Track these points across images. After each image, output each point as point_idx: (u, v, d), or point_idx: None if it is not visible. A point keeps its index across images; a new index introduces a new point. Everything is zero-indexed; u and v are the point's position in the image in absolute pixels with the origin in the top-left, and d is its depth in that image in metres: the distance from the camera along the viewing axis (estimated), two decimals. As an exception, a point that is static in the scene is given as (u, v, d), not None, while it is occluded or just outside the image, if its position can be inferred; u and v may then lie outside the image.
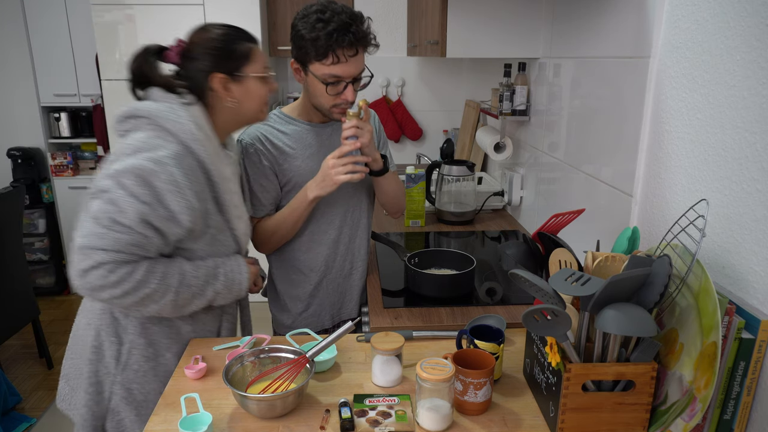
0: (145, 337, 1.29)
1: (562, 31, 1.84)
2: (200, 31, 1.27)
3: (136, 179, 1.12)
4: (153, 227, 1.16)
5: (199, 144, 1.20)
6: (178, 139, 1.19)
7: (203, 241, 1.27)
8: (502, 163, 2.56)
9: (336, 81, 1.40)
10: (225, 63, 1.24)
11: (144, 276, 1.16)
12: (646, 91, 1.30)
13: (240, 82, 1.27)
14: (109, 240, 1.12)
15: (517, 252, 1.47)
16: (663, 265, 0.94)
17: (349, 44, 1.36)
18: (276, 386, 1.10)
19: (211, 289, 1.28)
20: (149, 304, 1.20)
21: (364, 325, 1.70)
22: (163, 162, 1.14)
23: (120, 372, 1.29)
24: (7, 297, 2.72)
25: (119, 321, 1.29)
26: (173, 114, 1.19)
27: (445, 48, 2.04)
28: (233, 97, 1.27)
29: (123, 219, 1.12)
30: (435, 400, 1.03)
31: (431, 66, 3.52)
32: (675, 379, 0.96)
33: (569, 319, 0.94)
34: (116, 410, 1.31)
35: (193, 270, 1.24)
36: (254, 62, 1.28)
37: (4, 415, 2.59)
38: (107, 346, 1.29)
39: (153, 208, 1.14)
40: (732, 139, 1.02)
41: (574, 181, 1.75)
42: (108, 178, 1.14)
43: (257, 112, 1.33)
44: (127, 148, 1.17)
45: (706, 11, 1.10)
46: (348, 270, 1.66)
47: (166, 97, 1.23)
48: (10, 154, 3.84)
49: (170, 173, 1.15)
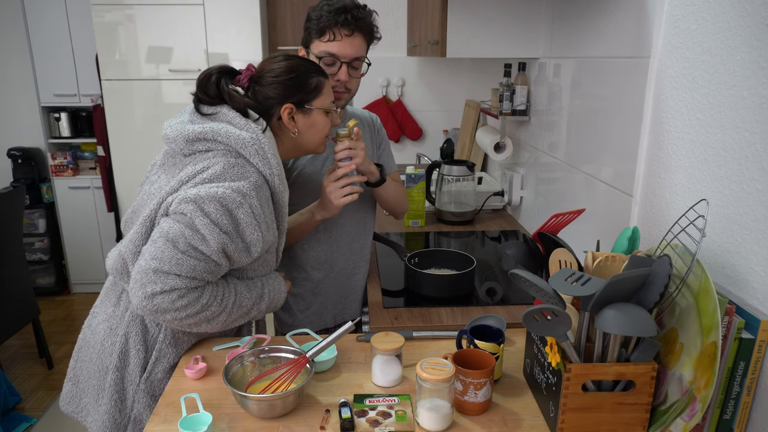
0: (175, 346, 1.28)
1: (562, 31, 1.84)
2: (274, 60, 1.28)
3: (220, 207, 1.12)
4: (228, 256, 1.16)
5: (277, 178, 1.21)
6: (259, 170, 1.19)
7: (256, 262, 1.27)
8: (502, 163, 2.56)
9: (332, 61, 1.44)
10: (297, 94, 1.26)
11: (208, 300, 1.16)
12: (646, 91, 1.30)
13: (306, 114, 1.29)
14: (186, 267, 1.11)
15: (517, 252, 1.48)
16: (663, 265, 0.95)
17: (344, 23, 1.41)
18: (276, 386, 1.10)
19: (257, 308, 1.29)
20: (203, 324, 1.20)
21: (364, 325, 1.70)
22: (246, 193, 1.14)
23: (144, 380, 1.27)
24: (7, 297, 2.72)
25: (149, 329, 1.27)
26: (257, 146, 1.18)
27: (445, 48, 2.04)
28: (297, 127, 1.29)
29: (203, 247, 1.11)
30: (435, 400, 1.03)
31: (431, 66, 3.52)
32: (675, 379, 0.96)
33: (569, 319, 0.94)
34: (139, 419, 1.28)
35: (246, 291, 1.25)
36: (323, 96, 1.30)
37: (4, 415, 2.59)
38: (133, 354, 1.26)
39: (232, 238, 1.14)
40: (732, 139, 1.02)
41: (574, 181, 1.75)
42: (187, 202, 1.12)
43: (317, 144, 1.35)
44: (204, 171, 1.16)
45: (706, 11, 1.10)
46: (351, 270, 1.66)
47: (246, 124, 1.21)
48: (10, 154, 3.84)
49: (252, 205, 1.15)
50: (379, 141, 1.70)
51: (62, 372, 3.05)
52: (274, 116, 1.27)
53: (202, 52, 3.28)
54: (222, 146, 1.19)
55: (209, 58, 3.30)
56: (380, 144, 1.70)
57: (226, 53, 3.30)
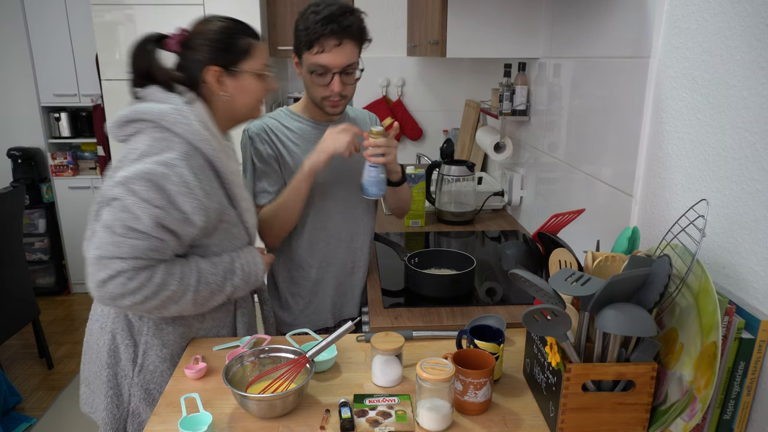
0: (160, 338, 1.29)
1: (562, 31, 1.84)
2: (203, 22, 1.26)
3: (147, 184, 1.11)
4: (168, 230, 1.16)
5: (206, 143, 1.19)
6: (186, 139, 1.17)
7: (217, 237, 1.27)
8: (502, 163, 2.56)
9: (323, 71, 1.43)
10: (222, 56, 1.23)
11: (163, 279, 1.16)
12: (646, 91, 1.30)
13: (235, 77, 1.26)
14: (125, 248, 1.12)
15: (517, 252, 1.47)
16: (663, 265, 0.94)
17: (331, 33, 1.38)
18: (276, 386, 1.10)
19: (230, 283, 1.28)
20: (170, 306, 1.20)
21: (364, 325, 1.70)
22: (172, 164, 1.13)
23: (137, 374, 1.29)
24: (7, 297, 2.72)
25: (133, 324, 1.29)
26: (179, 115, 1.17)
27: (445, 48, 2.04)
28: (226, 91, 1.26)
29: (138, 225, 1.12)
30: (435, 400, 1.03)
31: (431, 66, 3.52)
32: (675, 379, 0.96)
33: (569, 319, 0.94)
34: (137, 412, 1.31)
35: (210, 267, 1.25)
36: (253, 58, 1.27)
37: (4, 415, 2.58)
38: (123, 349, 1.29)
39: (166, 211, 1.13)
40: (732, 139, 1.02)
41: (574, 181, 1.75)
42: (117, 186, 1.12)
43: (251, 109, 1.31)
44: (132, 153, 1.16)
45: (706, 11, 1.10)
46: (350, 268, 1.66)
47: (168, 97, 1.21)
48: (10, 154, 3.84)
49: (180, 174, 1.14)
50: None
51: (62, 372, 3.05)
52: (200, 80, 1.24)
53: (202, 52, 3.28)
54: (148, 124, 1.18)
55: (209, 58, 3.29)
56: None
57: (226, 53, 3.30)
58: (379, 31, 3.46)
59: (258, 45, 1.28)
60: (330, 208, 1.59)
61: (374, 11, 3.43)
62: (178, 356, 1.32)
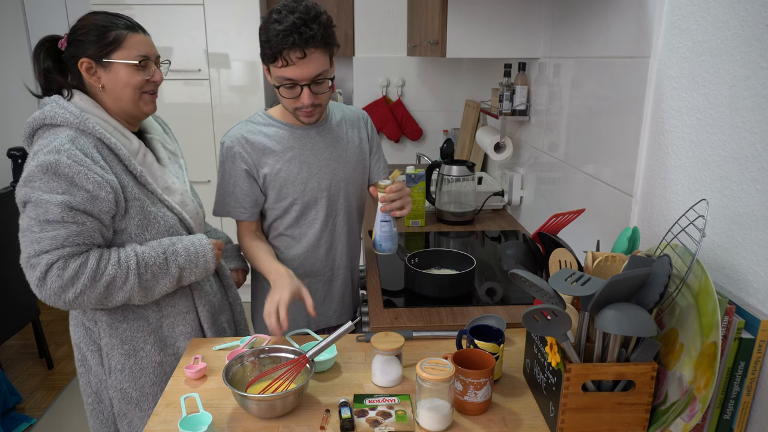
0: (117, 336, 1.30)
1: (562, 31, 1.84)
2: (84, 17, 1.27)
3: (44, 175, 1.13)
4: (81, 211, 1.16)
5: (90, 122, 1.20)
6: (68, 125, 1.19)
7: (136, 217, 1.25)
8: (502, 163, 2.56)
9: (290, 84, 1.36)
10: (91, 48, 1.23)
11: (97, 263, 1.17)
12: (646, 91, 1.30)
13: (108, 69, 1.25)
14: (47, 241, 1.14)
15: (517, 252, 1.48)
16: (663, 265, 0.95)
17: (293, 46, 1.29)
18: (276, 386, 1.10)
19: (174, 264, 1.27)
20: (116, 293, 1.21)
21: (364, 325, 1.70)
22: (60, 149, 1.15)
23: (108, 376, 1.31)
24: (7, 297, 2.72)
25: (91, 329, 1.31)
26: (58, 107, 1.20)
27: (445, 48, 2.04)
28: (99, 82, 1.25)
29: (50, 216, 1.14)
30: (435, 400, 1.03)
31: (431, 66, 3.52)
32: (675, 379, 0.96)
33: (569, 319, 0.94)
34: (122, 414, 1.33)
35: (149, 250, 1.25)
36: (125, 49, 1.25)
37: (4, 415, 2.58)
38: (90, 356, 1.32)
39: (71, 194, 1.15)
40: (732, 139, 1.02)
41: (574, 181, 1.75)
42: (21, 188, 1.16)
43: (134, 100, 1.28)
44: (29, 159, 1.19)
45: (706, 11, 1.10)
46: (328, 276, 1.63)
47: (51, 99, 1.24)
48: (10, 154, 3.83)
49: (70, 155, 1.15)
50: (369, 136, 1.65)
51: (62, 372, 3.05)
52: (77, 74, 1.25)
53: (202, 52, 3.28)
54: (41, 129, 1.22)
55: (209, 58, 3.30)
56: (373, 147, 1.67)
57: (226, 53, 3.30)
58: (379, 31, 3.46)
59: (131, 36, 1.26)
60: (310, 214, 1.55)
61: (374, 11, 3.43)
62: (142, 350, 1.32)
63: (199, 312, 1.40)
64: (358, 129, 1.63)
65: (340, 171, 1.56)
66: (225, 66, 3.32)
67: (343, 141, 1.57)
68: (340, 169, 1.56)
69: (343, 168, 1.56)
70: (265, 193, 1.52)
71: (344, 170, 1.57)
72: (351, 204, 1.62)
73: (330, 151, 1.54)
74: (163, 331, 1.35)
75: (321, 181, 1.53)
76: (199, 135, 3.39)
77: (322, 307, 1.65)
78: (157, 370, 1.34)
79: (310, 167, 1.51)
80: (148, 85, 1.30)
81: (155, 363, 1.34)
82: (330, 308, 1.66)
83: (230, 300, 1.55)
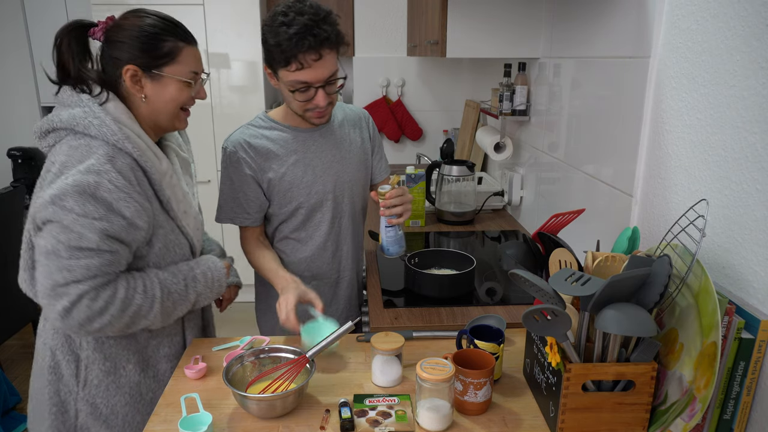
0: (101, 351, 1.23)
1: (562, 31, 1.84)
2: (133, 16, 1.17)
3: (80, 197, 1.04)
4: (117, 240, 1.09)
5: (127, 141, 1.12)
6: (105, 140, 1.10)
7: (156, 245, 1.20)
8: (502, 163, 2.56)
9: (305, 87, 1.33)
10: (142, 56, 1.14)
11: (126, 293, 1.12)
12: (646, 91, 1.30)
13: (155, 80, 1.17)
14: (79, 270, 1.06)
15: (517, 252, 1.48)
16: (663, 265, 0.94)
17: (309, 48, 1.27)
18: (276, 386, 1.10)
19: (193, 291, 1.25)
20: (139, 321, 1.16)
21: (364, 325, 1.70)
22: (98, 170, 1.06)
23: (81, 389, 1.23)
24: (7, 297, 2.72)
25: (73, 339, 1.22)
26: (92, 116, 1.10)
27: (445, 48, 2.04)
28: (143, 93, 1.17)
29: (85, 243, 1.05)
30: (435, 400, 1.03)
31: (431, 66, 3.52)
32: (675, 379, 0.96)
33: (569, 319, 0.94)
34: (85, 427, 1.25)
35: (170, 276, 1.21)
36: (178, 64, 1.18)
37: (4, 415, 2.58)
38: (65, 366, 1.22)
39: (109, 221, 1.07)
40: (732, 139, 1.02)
41: (574, 181, 1.75)
42: (47, 207, 1.04)
43: (170, 116, 1.21)
44: (53, 166, 1.09)
45: (706, 11, 1.10)
46: (335, 278, 1.63)
47: (77, 99, 1.14)
48: (10, 154, 3.84)
49: (111, 179, 1.07)
50: (371, 136, 1.65)
51: (62, 372, 3.05)
52: (118, 78, 1.16)
53: (202, 52, 3.28)
54: (63, 132, 1.11)
55: (209, 58, 3.30)
56: (374, 148, 1.67)
57: (226, 53, 3.30)
58: (379, 31, 3.46)
59: (187, 49, 1.19)
60: (317, 217, 1.54)
61: (374, 11, 3.43)
62: (123, 368, 1.25)
63: (186, 335, 1.36)
64: (360, 129, 1.62)
65: (344, 173, 1.55)
66: (225, 66, 3.32)
67: (346, 142, 1.56)
68: (344, 171, 1.55)
69: (347, 169, 1.55)
70: (270, 197, 1.50)
71: (348, 172, 1.56)
72: (356, 205, 1.62)
73: (333, 153, 1.53)
74: (147, 352, 1.28)
75: (326, 184, 1.52)
76: (199, 135, 3.39)
77: (329, 309, 1.64)
78: (133, 391, 1.27)
79: (315, 170, 1.50)
80: (191, 102, 1.24)
81: (133, 383, 1.27)
82: (337, 310, 1.65)
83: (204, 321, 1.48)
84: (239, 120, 3.40)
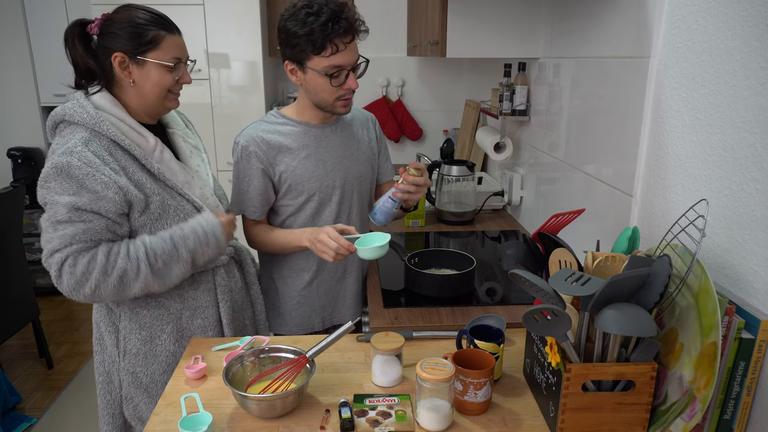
0: (137, 321, 1.34)
1: (562, 31, 1.84)
2: (122, 10, 1.29)
3: (57, 177, 1.18)
4: (88, 211, 1.19)
5: (104, 124, 1.23)
6: (84, 126, 1.23)
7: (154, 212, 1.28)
8: (502, 163, 2.56)
9: (337, 72, 1.40)
10: (128, 44, 1.26)
11: (106, 257, 1.20)
12: (646, 91, 1.30)
13: (141, 66, 1.28)
14: (57, 240, 1.18)
15: (517, 252, 1.48)
16: (663, 265, 0.95)
17: (344, 31, 1.37)
18: (276, 386, 1.10)
19: (184, 248, 1.28)
20: (131, 284, 1.23)
21: (364, 325, 1.70)
22: (73, 151, 1.18)
23: (122, 359, 1.35)
24: (7, 297, 2.72)
25: (113, 310, 1.36)
26: (78, 106, 1.24)
27: (445, 48, 2.04)
28: (131, 78, 1.28)
29: (59, 216, 1.18)
30: (435, 400, 1.03)
31: (431, 66, 3.52)
32: (675, 379, 0.96)
33: (569, 319, 0.94)
34: (129, 396, 1.37)
35: (157, 238, 1.27)
36: (161, 50, 1.28)
37: (4, 415, 2.58)
38: (107, 337, 1.36)
39: (79, 195, 1.18)
40: (732, 139, 1.02)
41: (574, 181, 1.75)
42: (39, 190, 1.21)
43: (159, 98, 1.32)
44: (48, 157, 1.22)
45: (706, 11, 1.10)
46: (341, 274, 1.65)
47: (74, 94, 1.28)
48: (10, 154, 3.84)
49: (81, 158, 1.18)
50: (377, 137, 1.70)
51: (62, 372, 3.05)
52: (109, 66, 1.28)
53: (202, 52, 3.28)
54: (62, 124, 1.26)
55: (209, 58, 3.30)
56: (380, 149, 1.71)
57: (226, 53, 3.30)
58: (379, 31, 3.46)
59: (169, 37, 1.30)
60: (324, 213, 1.57)
61: (374, 11, 3.43)
62: (158, 338, 1.36)
63: (221, 308, 1.44)
64: (367, 129, 1.67)
65: (353, 168, 1.59)
66: (225, 66, 3.32)
67: (355, 140, 1.61)
68: (354, 167, 1.59)
69: (356, 165, 1.59)
70: (280, 190, 1.54)
71: (357, 168, 1.60)
72: (363, 201, 1.65)
73: (344, 149, 1.57)
74: (181, 322, 1.38)
75: (335, 179, 1.56)
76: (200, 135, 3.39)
77: (335, 304, 1.67)
78: (170, 360, 1.38)
79: (326, 164, 1.54)
80: (176, 86, 1.34)
81: (169, 352, 1.37)
82: (344, 305, 1.68)
83: (252, 298, 1.58)
84: (239, 120, 3.41)
